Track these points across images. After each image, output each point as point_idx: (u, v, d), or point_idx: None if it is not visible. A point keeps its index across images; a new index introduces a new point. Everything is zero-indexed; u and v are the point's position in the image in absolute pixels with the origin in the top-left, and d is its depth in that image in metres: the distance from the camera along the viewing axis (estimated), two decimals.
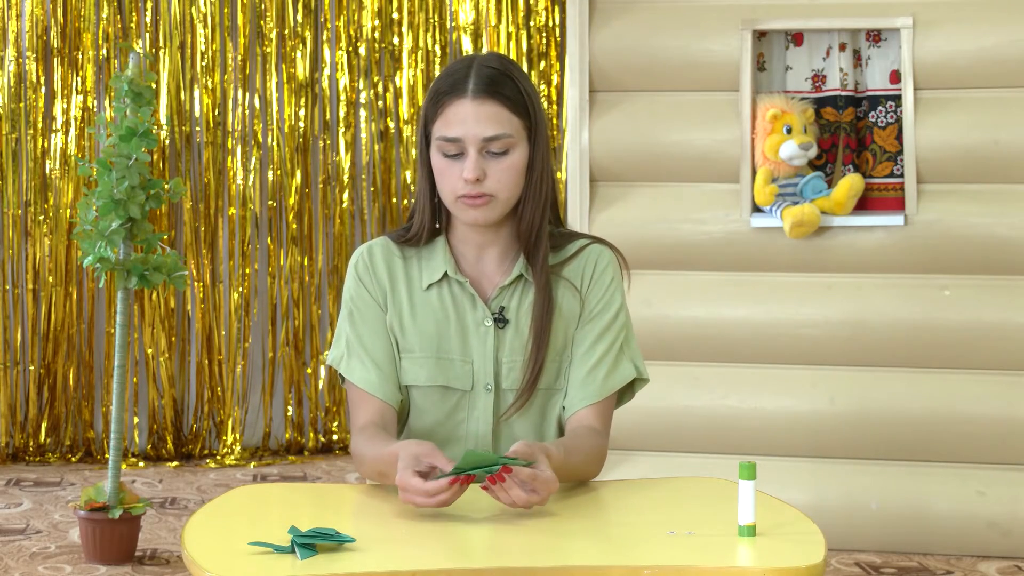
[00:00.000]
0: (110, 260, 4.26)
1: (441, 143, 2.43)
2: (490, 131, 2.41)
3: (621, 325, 2.54)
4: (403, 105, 6.00)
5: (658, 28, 4.52)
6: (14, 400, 5.75)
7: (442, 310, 2.50)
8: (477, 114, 2.41)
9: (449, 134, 2.42)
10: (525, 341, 2.49)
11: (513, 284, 2.51)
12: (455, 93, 2.42)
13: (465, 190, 2.42)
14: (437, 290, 2.51)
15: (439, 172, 2.46)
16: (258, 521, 2.23)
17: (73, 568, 4.31)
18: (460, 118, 2.41)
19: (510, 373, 2.49)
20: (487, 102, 2.41)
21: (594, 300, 2.53)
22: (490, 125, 2.41)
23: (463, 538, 2.12)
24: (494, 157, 2.43)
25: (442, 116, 2.43)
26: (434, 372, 2.49)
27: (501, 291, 2.51)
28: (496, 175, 2.43)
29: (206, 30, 5.84)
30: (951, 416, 4.37)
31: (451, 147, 2.43)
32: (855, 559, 4.35)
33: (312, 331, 5.96)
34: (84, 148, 5.79)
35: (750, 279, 4.49)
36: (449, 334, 2.49)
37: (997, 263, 4.35)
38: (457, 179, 2.43)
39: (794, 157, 4.37)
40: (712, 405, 4.46)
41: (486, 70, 2.43)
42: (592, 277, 2.54)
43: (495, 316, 2.49)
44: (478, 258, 2.53)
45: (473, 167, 2.41)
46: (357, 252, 2.57)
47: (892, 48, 4.45)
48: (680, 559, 2.01)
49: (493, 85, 2.42)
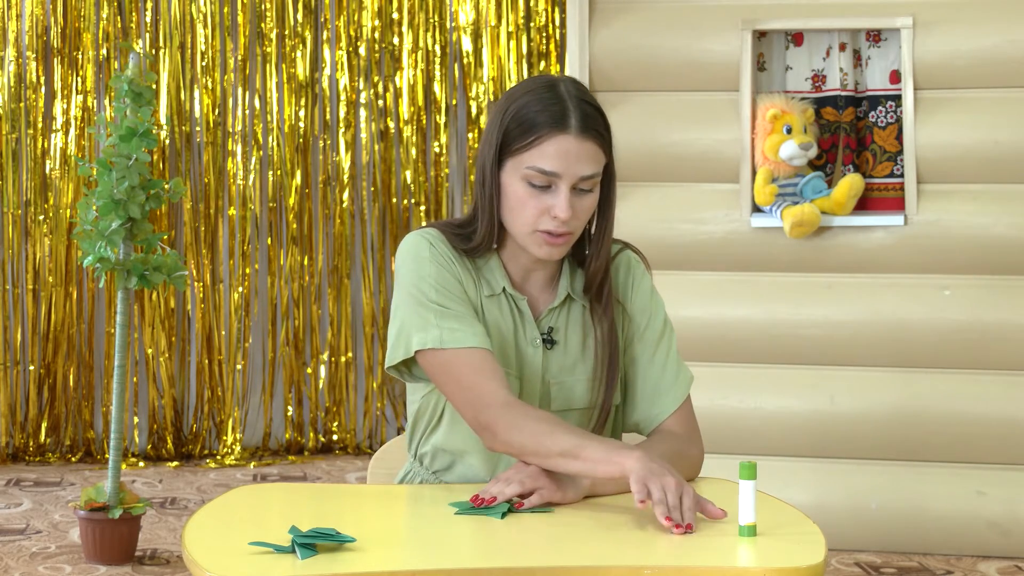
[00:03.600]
0: (110, 260, 4.26)
1: (532, 173, 2.37)
2: (588, 170, 2.38)
3: (671, 328, 2.55)
4: (403, 105, 6.00)
5: (658, 28, 4.52)
6: (14, 400, 5.75)
7: (503, 321, 2.46)
8: (580, 152, 2.37)
9: (547, 168, 2.36)
10: (573, 362, 2.47)
11: (561, 305, 2.49)
12: (557, 127, 2.37)
13: (551, 226, 2.38)
14: (496, 302, 2.47)
15: (519, 200, 2.39)
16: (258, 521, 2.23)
17: (73, 568, 4.31)
18: (562, 153, 2.36)
19: (559, 394, 2.47)
20: (588, 140, 2.38)
21: (642, 311, 2.53)
22: (589, 164, 2.38)
23: (463, 538, 2.12)
24: (580, 194, 2.39)
25: (538, 148, 2.36)
26: None
27: (550, 312, 2.49)
28: (580, 212, 2.40)
29: (206, 30, 5.84)
30: (951, 416, 4.37)
31: (542, 179, 2.37)
32: (855, 559, 4.35)
33: (312, 331, 5.96)
34: (84, 148, 5.80)
35: (750, 279, 4.49)
36: (505, 346, 2.45)
37: (997, 263, 4.36)
38: (540, 212, 2.38)
39: (794, 157, 4.37)
40: (712, 405, 4.46)
41: (583, 104, 2.40)
42: (632, 286, 2.53)
43: (544, 336, 2.47)
44: (525, 278, 2.50)
45: (567, 206, 2.36)
46: (419, 238, 2.45)
47: (892, 48, 4.45)
48: (680, 559, 2.01)
49: (592, 123, 2.40)
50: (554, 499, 2.26)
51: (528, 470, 2.27)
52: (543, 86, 2.42)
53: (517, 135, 2.39)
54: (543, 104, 2.39)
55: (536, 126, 2.38)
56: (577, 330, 2.49)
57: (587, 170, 2.38)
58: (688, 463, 2.48)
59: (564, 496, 2.27)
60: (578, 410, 2.48)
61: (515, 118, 2.40)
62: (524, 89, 2.44)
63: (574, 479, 2.29)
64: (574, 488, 2.28)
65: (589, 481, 2.29)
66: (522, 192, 2.39)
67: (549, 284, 2.51)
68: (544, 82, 2.43)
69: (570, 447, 2.25)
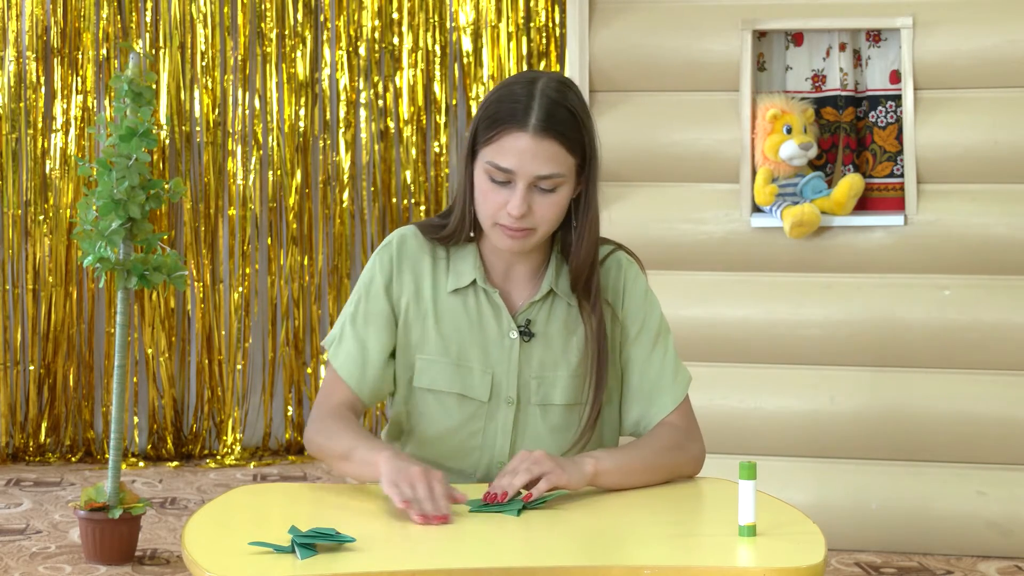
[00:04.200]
0: (110, 260, 4.26)
1: (490, 168, 2.37)
2: (545, 170, 2.36)
3: (667, 328, 2.55)
4: (403, 105, 6.00)
5: (658, 28, 4.52)
6: (14, 400, 5.75)
7: (465, 317, 2.46)
8: (535, 151, 2.35)
9: (502, 164, 2.36)
10: (555, 358, 2.46)
11: (543, 300, 2.49)
12: (514, 123, 2.35)
13: (506, 221, 2.38)
14: (463, 296, 2.47)
15: (482, 193, 2.40)
16: (258, 521, 2.23)
17: (73, 568, 4.31)
18: (516, 151, 2.35)
19: (539, 388, 2.47)
20: (546, 140, 2.35)
21: (637, 312, 2.52)
22: (545, 164, 2.35)
23: (463, 538, 2.11)
24: (541, 192, 2.37)
25: (496, 143, 2.36)
26: (452, 379, 2.45)
27: (531, 305, 2.48)
28: (541, 210, 2.38)
29: (206, 30, 5.84)
30: (951, 416, 4.37)
31: (500, 175, 2.37)
32: (855, 559, 4.35)
33: (312, 331, 5.96)
34: (84, 148, 5.80)
35: (750, 279, 4.49)
36: (470, 343, 2.45)
37: (997, 263, 4.36)
38: (499, 206, 2.38)
39: (794, 157, 4.37)
40: (712, 405, 4.46)
41: (549, 103, 2.36)
42: (626, 289, 2.52)
43: (521, 329, 2.47)
44: (507, 271, 2.50)
45: (520, 203, 2.35)
46: (389, 239, 2.51)
47: (892, 48, 4.45)
48: (680, 559, 2.01)
49: (554, 123, 2.35)
50: (560, 483, 2.26)
51: (532, 456, 2.27)
52: (522, 82, 2.41)
53: (483, 128, 2.40)
54: (511, 100, 2.38)
55: (498, 121, 2.37)
56: (560, 326, 2.48)
57: (543, 170, 2.35)
58: (688, 457, 2.49)
59: (569, 480, 2.27)
60: (560, 406, 2.47)
61: (486, 111, 2.40)
62: (505, 83, 2.44)
63: (577, 463, 2.31)
64: (578, 472, 2.30)
65: (591, 467, 2.32)
66: (485, 186, 2.40)
67: (533, 278, 2.50)
68: (525, 78, 2.42)
69: (345, 450, 2.36)
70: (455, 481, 2.40)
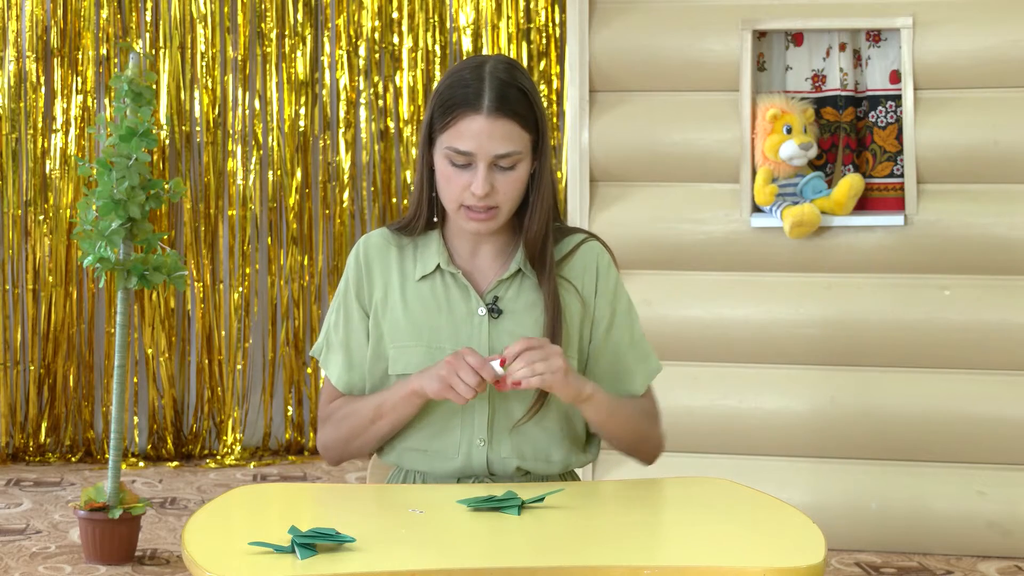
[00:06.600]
0: (110, 260, 4.26)
1: (450, 153, 2.46)
2: (502, 149, 2.44)
3: (636, 315, 2.62)
4: (403, 105, 6.00)
5: (658, 28, 4.52)
6: (14, 400, 5.75)
7: (434, 300, 2.53)
8: (491, 132, 2.43)
9: (461, 147, 2.44)
10: (526, 333, 2.50)
11: (511, 278, 2.54)
12: (468, 107, 2.43)
13: (472, 202, 2.46)
14: (430, 282, 2.55)
15: (444, 178, 2.48)
16: (258, 521, 2.23)
17: (73, 568, 4.31)
18: (473, 133, 2.43)
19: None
20: (500, 120, 2.43)
21: (607, 303, 2.57)
22: (503, 143, 2.44)
23: (463, 538, 2.12)
24: (501, 171, 2.46)
25: (453, 128, 2.44)
26: (425, 361, 2.50)
27: (499, 284, 2.54)
28: (503, 189, 2.46)
29: (206, 30, 5.84)
30: (951, 416, 4.37)
31: (460, 158, 2.45)
32: (855, 559, 4.35)
33: (312, 331, 5.96)
34: (84, 148, 5.80)
35: (750, 279, 4.49)
36: (440, 324, 2.51)
37: (997, 263, 4.36)
38: (463, 189, 2.46)
39: (794, 157, 4.37)
40: (712, 405, 4.46)
41: (500, 84, 2.45)
42: (597, 280, 2.58)
43: (489, 306, 2.52)
44: (473, 252, 2.57)
45: (483, 183, 2.44)
46: (356, 244, 2.62)
47: (892, 48, 4.45)
48: (680, 559, 2.01)
49: (507, 103, 2.44)
50: (557, 391, 2.39)
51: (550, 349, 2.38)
52: (469, 67, 2.50)
53: (439, 115, 2.48)
54: (461, 85, 2.46)
55: (452, 107, 2.46)
56: (527, 302, 2.54)
57: (501, 149, 2.44)
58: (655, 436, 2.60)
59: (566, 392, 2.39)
60: None
61: (439, 98, 2.49)
62: (453, 70, 2.52)
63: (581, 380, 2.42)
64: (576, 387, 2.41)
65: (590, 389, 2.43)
66: (446, 171, 2.48)
67: (498, 257, 2.57)
68: (472, 63, 2.50)
69: (372, 412, 2.49)
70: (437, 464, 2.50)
